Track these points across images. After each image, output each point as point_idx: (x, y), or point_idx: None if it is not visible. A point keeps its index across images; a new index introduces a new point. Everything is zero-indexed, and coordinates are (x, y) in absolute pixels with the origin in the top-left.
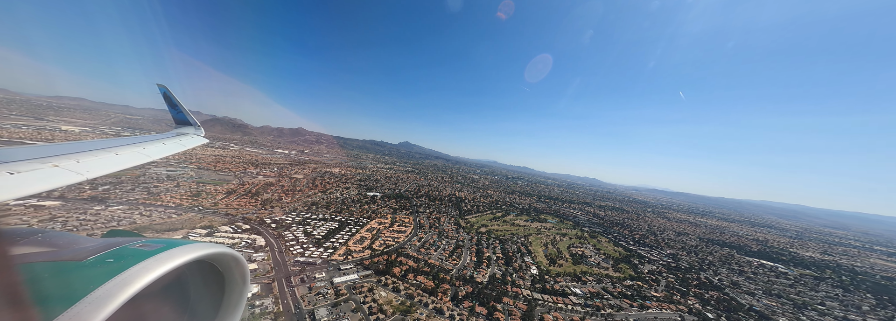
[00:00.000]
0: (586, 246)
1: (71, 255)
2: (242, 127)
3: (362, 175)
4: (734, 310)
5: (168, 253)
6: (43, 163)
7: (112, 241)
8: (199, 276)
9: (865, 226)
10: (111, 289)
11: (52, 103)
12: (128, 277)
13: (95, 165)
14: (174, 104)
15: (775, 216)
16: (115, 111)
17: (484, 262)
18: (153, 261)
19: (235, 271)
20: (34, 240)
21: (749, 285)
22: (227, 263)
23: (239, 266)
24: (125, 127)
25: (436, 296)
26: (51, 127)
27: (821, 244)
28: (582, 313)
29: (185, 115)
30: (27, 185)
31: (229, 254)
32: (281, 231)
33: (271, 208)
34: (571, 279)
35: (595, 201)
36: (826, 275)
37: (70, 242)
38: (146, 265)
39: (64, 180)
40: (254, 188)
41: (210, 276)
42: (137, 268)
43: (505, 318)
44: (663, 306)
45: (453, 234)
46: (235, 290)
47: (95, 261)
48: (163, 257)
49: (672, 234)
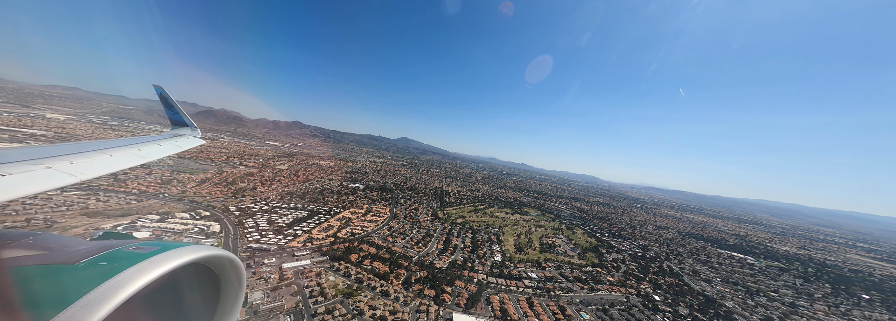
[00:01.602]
0: (559, 236)
1: (63, 258)
2: (237, 119)
3: (351, 168)
4: (684, 294)
5: (163, 255)
6: (36, 164)
7: (105, 244)
8: (194, 279)
9: (858, 225)
10: (104, 292)
11: (44, 92)
12: (122, 280)
13: (89, 167)
14: (170, 105)
15: (769, 215)
16: (110, 101)
17: (449, 250)
18: (147, 264)
19: (231, 274)
20: (25, 243)
21: (710, 274)
22: (223, 266)
23: (235, 268)
24: (115, 117)
25: (387, 281)
26: (35, 114)
27: (802, 240)
28: (530, 294)
29: (182, 117)
30: (20, 187)
31: (225, 257)
32: (243, 219)
33: (242, 197)
34: (532, 265)
35: (585, 197)
36: (793, 267)
37: (63, 245)
38: (140, 268)
39: (57, 182)
40: (231, 178)
41: (206, 279)
42: (131, 270)
43: (451, 299)
44: (614, 289)
45: (427, 225)
46: (231, 293)
47: (88, 263)
48: (157, 260)
49: (651, 228)
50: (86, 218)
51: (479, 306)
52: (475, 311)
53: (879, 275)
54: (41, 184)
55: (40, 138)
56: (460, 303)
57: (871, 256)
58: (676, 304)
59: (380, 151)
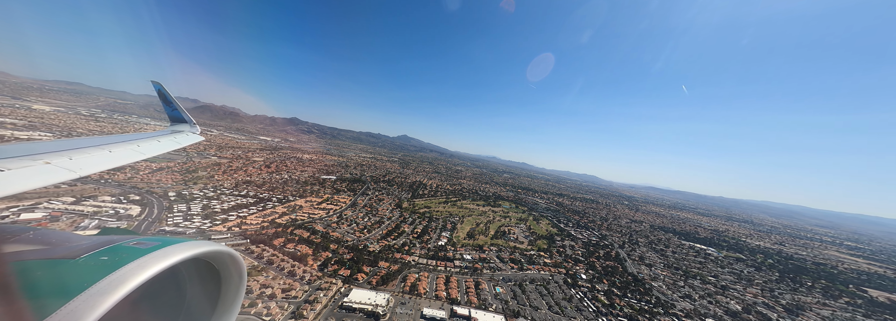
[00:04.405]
0: (520, 226)
1: (64, 253)
2: (233, 114)
3: (335, 162)
4: (615, 274)
5: (163, 251)
6: (35, 160)
7: (106, 239)
8: (194, 274)
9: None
10: (105, 286)
11: (45, 86)
12: (122, 275)
13: (88, 162)
14: (169, 101)
15: (768, 215)
16: (111, 96)
17: (392, 236)
18: (148, 259)
19: (232, 269)
20: (26, 238)
21: (657, 260)
22: (224, 261)
23: (235, 264)
24: (107, 110)
25: (303, 262)
26: (20, 105)
27: (783, 237)
28: (453, 273)
29: (180, 113)
30: (18, 182)
31: (226, 252)
32: (177, 204)
33: (194, 184)
34: (473, 249)
35: (573, 194)
36: (752, 258)
37: (63, 240)
38: (141, 263)
39: (56, 177)
40: (195, 167)
41: (206, 274)
42: (132, 265)
43: (365, 278)
44: (545, 269)
45: (385, 213)
46: (232, 288)
47: (89, 258)
48: (158, 255)
49: (625, 221)
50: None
51: (392, 284)
52: (384, 288)
53: (843, 268)
54: (40, 180)
55: (8, 126)
56: (372, 282)
57: (850, 253)
58: (600, 282)
59: (375, 148)
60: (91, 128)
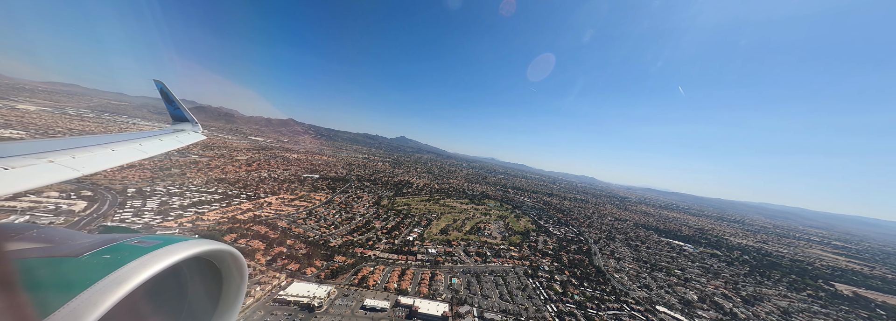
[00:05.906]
0: (499, 222)
1: (67, 251)
2: (228, 115)
3: (324, 161)
4: (580, 266)
5: (165, 249)
6: (38, 158)
7: (108, 238)
8: (196, 272)
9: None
10: (108, 284)
11: (38, 87)
12: (125, 273)
13: (91, 161)
14: (171, 100)
15: (763, 216)
16: (107, 97)
17: (359, 232)
18: (150, 258)
19: (233, 268)
20: (29, 236)
21: (627, 254)
22: (225, 260)
23: (237, 262)
24: (98, 110)
25: (251, 258)
26: (3, 105)
27: (769, 236)
28: (411, 266)
29: (183, 112)
30: (22, 181)
31: (227, 251)
32: (131, 200)
33: (161, 181)
34: (440, 244)
35: (564, 194)
36: (728, 255)
37: (66, 238)
38: (143, 261)
39: (59, 176)
40: (169, 165)
41: (208, 273)
42: (134, 264)
43: (314, 272)
44: (508, 262)
45: (359, 210)
46: (233, 286)
47: (92, 256)
48: (160, 253)
49: (608, 220)
50: None
51: (343, 277)
52: (332, 281)
53: (819, 265)
54: (43, 178)
55: None
56: (321, 276)
57: (834, 252)
58: (560, 273)
59: (371, 149)
60: (72, 127)
